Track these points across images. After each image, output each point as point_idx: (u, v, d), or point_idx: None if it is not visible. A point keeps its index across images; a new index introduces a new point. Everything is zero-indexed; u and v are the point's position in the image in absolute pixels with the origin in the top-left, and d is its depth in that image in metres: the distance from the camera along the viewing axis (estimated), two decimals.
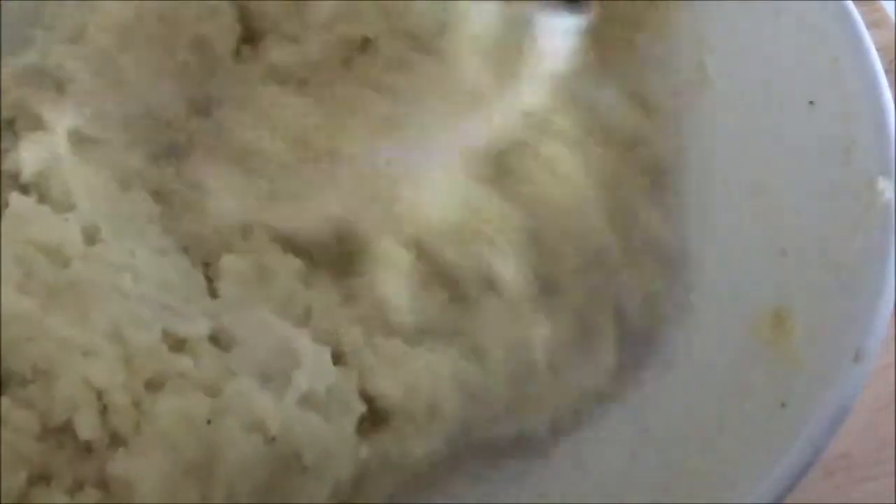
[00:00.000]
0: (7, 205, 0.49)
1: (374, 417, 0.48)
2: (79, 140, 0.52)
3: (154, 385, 0.45)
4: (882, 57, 0.48)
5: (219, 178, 0.53)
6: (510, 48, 0.51)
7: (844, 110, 0.47)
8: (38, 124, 0.51)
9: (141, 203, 0.52)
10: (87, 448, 0.45)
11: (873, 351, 0.42)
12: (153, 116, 0.54)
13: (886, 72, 0.47)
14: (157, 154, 0.53)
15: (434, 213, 0.49)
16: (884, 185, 0.44)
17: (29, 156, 0.50)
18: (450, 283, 0.50)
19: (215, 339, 0.48)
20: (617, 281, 0.50)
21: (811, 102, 0.49)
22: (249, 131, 0.54)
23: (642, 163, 0.52)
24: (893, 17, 0.67)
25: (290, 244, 0.51)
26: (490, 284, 0.49)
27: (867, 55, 0.48)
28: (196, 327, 0.47)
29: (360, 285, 0.50)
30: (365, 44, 0.56)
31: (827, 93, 0.48)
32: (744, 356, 0.47)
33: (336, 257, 0.51)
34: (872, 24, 0.55)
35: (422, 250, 0.49)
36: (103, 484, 0.44)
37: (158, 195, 0.52)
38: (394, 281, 0.48)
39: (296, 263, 0.50)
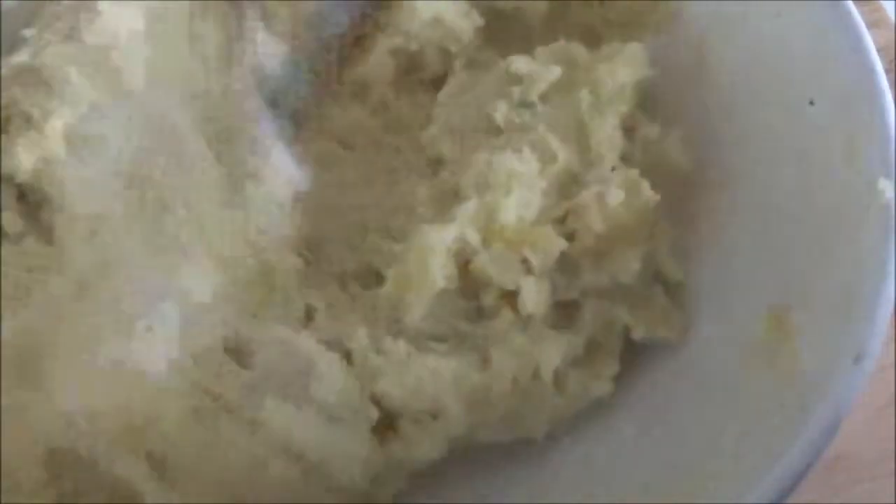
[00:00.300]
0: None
1: (382, 419, 0.48)
2: (74, 139, 0.51)
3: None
4: (882, 57, 0.48)
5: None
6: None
7: (844, 111, 0.47)
8: (32, 124, 0.51)
9: (139, 201, 0.51)
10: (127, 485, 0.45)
11: (874, 351, 0.42)
12: (148, 114, 0.53)
13: (886, 72, 0.47)
14: (153, 152, 0.53)
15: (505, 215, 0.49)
16: (884, 185, 0.44)
17: (24, 157, 0.50)
18: (471, 293, 0.49)
19: (231, 351, 0.48)
20: (630, 308, 0.50)
21: (811, 102, 0.49)
22: None
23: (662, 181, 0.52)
24: (893, 17, 0.67)
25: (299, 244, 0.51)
26: (508, 299, 0.49)
27: (867, 55, 0.48)
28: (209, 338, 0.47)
29: (368, 284, 0.50)
30: (358, 41, 0.56)
31: (827, 93, 0.48)
32: (744, 356, 0.47)
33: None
34: (872, 24, 0.55)
35: (461, 256, 0.49)
36: None
37: (156, 192, 0.52)
38: (420, 284, 0.48)
39: (296, 262, 0.50)
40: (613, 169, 0.51)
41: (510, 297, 0.49)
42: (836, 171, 0.47)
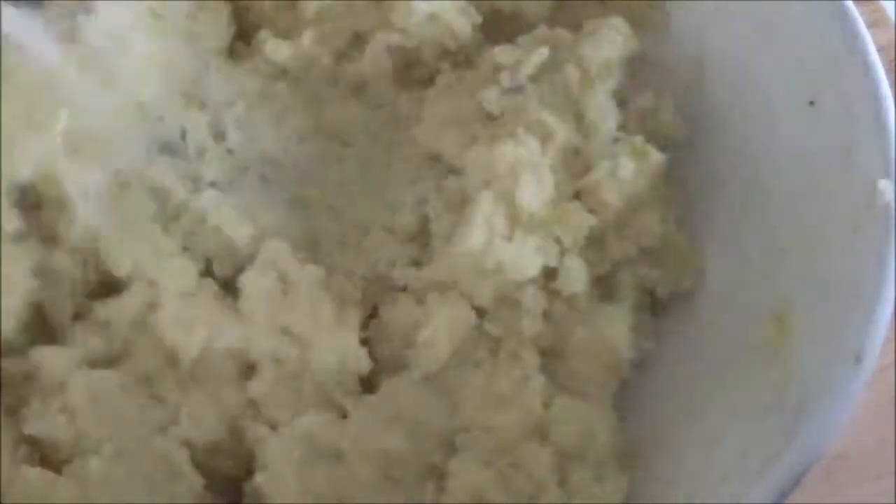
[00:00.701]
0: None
1: None
2: (74, 139, 0.51)
3: None
4: (882, 57, 0.48)
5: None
6: None
7: (844, 110, 0.47)
8: (32, 125, 0.51)
9: (139, 202, 0.51)
10: None
11: (873, 352, 0.42)
12: (147, 113, 0.53)
13: (886, 72, 0.47)
14: (152, 151, 0.53)
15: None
16: (884, 185, 0.44)
17: (24, 157, 0.50)
18: None
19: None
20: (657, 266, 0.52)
21: (811, 102, 0.49)
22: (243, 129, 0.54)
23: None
24: (893, 17, 0.67)
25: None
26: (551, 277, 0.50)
27: (867, 55, 0.47)
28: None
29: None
30: (356, 39, 0.56)
31: (827, 93, 0.48)
32: (744, 356, 0.47)
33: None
34: (872, 24, 0.55)
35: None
36: None
37: (156, 193, 0.52)
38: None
39: (316, 272, 0.50)
40: (616, 140, 0.52)
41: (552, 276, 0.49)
42: (836, 172, 0.47)
